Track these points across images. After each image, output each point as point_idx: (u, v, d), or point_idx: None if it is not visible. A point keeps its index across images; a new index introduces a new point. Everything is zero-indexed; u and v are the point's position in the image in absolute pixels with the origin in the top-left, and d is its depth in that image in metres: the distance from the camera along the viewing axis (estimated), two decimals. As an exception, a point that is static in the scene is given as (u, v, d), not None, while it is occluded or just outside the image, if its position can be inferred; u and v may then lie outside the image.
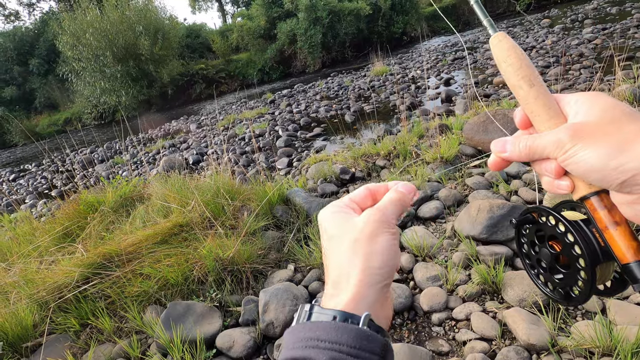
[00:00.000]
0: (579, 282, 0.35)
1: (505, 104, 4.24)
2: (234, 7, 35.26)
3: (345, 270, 0.36)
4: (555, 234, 0.36)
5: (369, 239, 0.36)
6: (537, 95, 0.37)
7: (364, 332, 0.31)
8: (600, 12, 11.35)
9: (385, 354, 0.32)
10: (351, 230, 0.37)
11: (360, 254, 0.36)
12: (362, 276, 0.35)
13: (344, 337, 0.31)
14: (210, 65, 20.98)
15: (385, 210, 0.39)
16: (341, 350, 0.30)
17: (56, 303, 1.92)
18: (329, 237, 0.39)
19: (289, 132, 6.24)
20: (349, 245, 0.37)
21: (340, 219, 0.39)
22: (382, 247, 0.36)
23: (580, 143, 0.31)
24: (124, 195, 3.05)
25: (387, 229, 0.37)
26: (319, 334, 0.32)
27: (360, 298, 0.34)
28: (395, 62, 11.98)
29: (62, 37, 17.02)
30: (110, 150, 9.24)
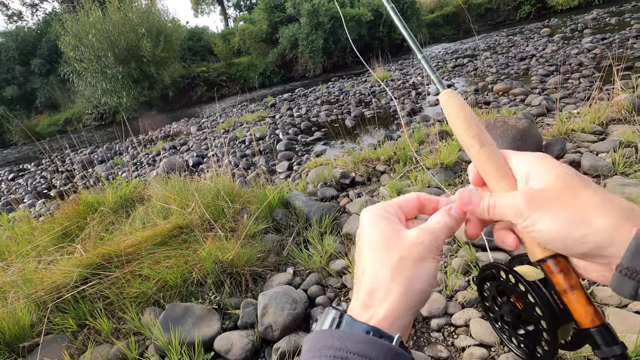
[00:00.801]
0: (542, 342, 0.36)
1: (505, 112, 4.27)
2: (236, 11, 35.48)
3: (384, 285, 0.35)
4: (516, 292, 0.37)
5: (416, 261, 0.35)
6: (489, 156, 0.38)
7: (395, 351, 0.31)
8: (600, 22, 11.46)
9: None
10: (399, 246, 0.36)
11: (405, 275, 0.35)
12: (402, 297, 0.34)
13: (374, 353, 0.30)
14: (211, 68, 21.06)
15: (438, 236, 0.37)
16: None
17: (54, 303, 1.91)
18: (370, 242, 0.37)
19: (290, 136, 6.26)
20: (395, 262, 0.35)
21: (387, 227, 0.38)
22: (427, 273, 0.36)
23: (538, 212, 0.32)
24: (123, 196, 3.06)
25: (434, 255, 0.37)
26: (349, 345, 0.31)
27: (395, 318, 0.34)
28: (395, 68, 12.04)
29: (65, 38, 17.07)
30: (110, 151, 9.24)
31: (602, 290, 1.56)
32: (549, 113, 4.25)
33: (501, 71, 7.72)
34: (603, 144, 2.80)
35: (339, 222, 2.57)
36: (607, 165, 2.44)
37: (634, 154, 2.53)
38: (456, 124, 0.41)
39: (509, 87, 5.87)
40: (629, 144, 2.67)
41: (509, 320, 0.39)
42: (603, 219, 0.29)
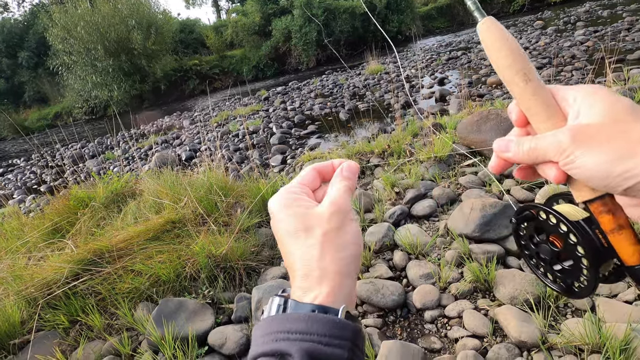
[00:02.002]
0: (582, 278, 0.35)
1: (499, 104, 4.28)
2: (229, 3, 34.95)
3: (317, 264, 0.35)
4: (556, 232, 0.36)
5: (338, 230, 0.36)
6: (534, 93, 0.34)
7: (335, 321, 0.32)
8: (592, 15, 11.50)
9: (356, 339, 0.32)
10: (318, 224, 0.36)
11: (333, 247, 0.36)
12: (337, 268, 0.35)
13: (314, 327, 0.31)
14: (204, 61, 20.79)
15: (343, 202, 0.38)
16: (312, 339, 0.30)
17: (45, 299, 1.89)
18: (289, 230, 0.37)
19: (283, 130, 6.22)
20: (319, 239, 0.36)
21: (299, 209, 0.38)
22: (351, 237, 0.37)
23: (582, 148, 0.30)
24: (115, 191, 3.02)
25: (349, 218, 0.38)
26: (289, 326, 0.32)
27: (338, 290, 0.34)
28: (390, 60, 12.00)
29: (53, 30, 16.71)
30: (101, 145, 9.12)
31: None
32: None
33: (495, 64, 7.72)
34: (595, 136, 2.82)
35: (333, 216, 2.56)
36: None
37: (625, 146, 2.55)
38: (497, 57, 0.37)
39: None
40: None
41: (545, 258, 0.39)
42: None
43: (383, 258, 2.05)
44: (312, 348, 0.30)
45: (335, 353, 0.30)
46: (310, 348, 0.30)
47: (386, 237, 2.11)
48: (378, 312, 1.71)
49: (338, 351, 0.31)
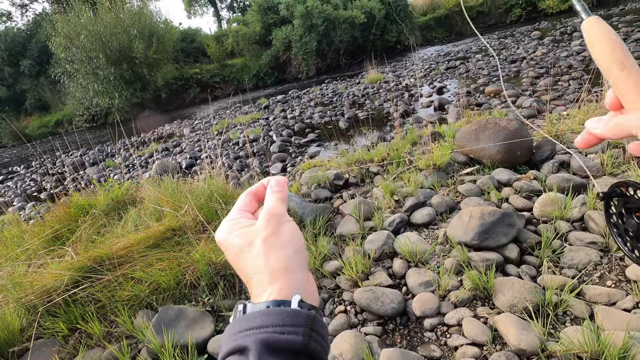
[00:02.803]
0: None
1: (497, 113, 4.32)
2: (230, 13, 35.37)
3: (265, 268, 0.38)
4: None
5: (274, 233, 0.40)
6: (629, 76, 0.37)
7: (287, 311, 0.34)
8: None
9: (312, 324, 0.34)
10: (257, 234, 0.40)
11: (274, 248, 0.39)
12: (284, 265, 0.38)
13: (269, 320, 0.34)
14: (204, 69, 20.96)
15: (275, 209, 0.42)
16: (267, 331, 0.33)
17: (44, 307, 1.89)
18: (236, 252, 0.41)
19: (283, 138, 6.26)
20: (260, 247, 0.39)
21: (240, 230, 0.41)
22: (289, 234, 0.41)
23: None
24: (116, 199, 3.03)
25: (284, 220, 0.42)
26: (247, 324, 0.34)
27: (289, 284, 0.37)
28: (389, 70, 12.12)
29: (55, 39, 16.87)
30: (102, 153, 9.14)
31: (591, 289, 1.59)
32: (540, 114, 4.31)
33: (492, 73, 7.81)
34: (592, 145, 2.84)
35: (332, 223, 2.58)
36: (595, 166, 2.48)
37: (622, 155, 2.58)
38: (598, 49, 0.39)
39: (500, 89, 5.94)
40: (617, 145, 2.72)
41: (632, 234, 0.41)
42: None
43: (383, 266, 2.06)
44: (266, 337, 0.33)
45: (290, 339, 0.33)
46: (264, 338, 0.32)
47: (386, 245, 2.12)
48: (378, 320, 1.71)
49: (292, 337, 0.33)
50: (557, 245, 1.87)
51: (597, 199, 2.00)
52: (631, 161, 2.47)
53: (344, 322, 1.70)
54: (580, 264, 1.75)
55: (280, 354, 0.32)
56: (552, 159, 2.74)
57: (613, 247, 1.80)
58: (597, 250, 1.80)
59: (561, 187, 2.29)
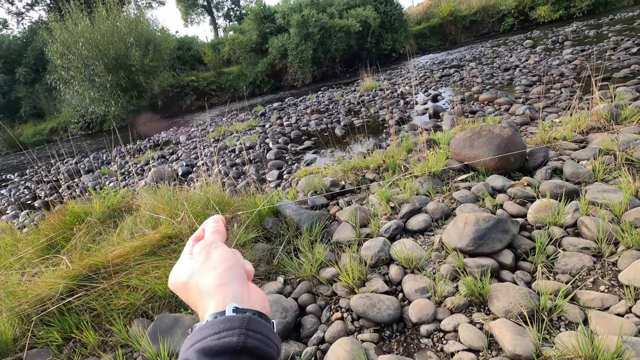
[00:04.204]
0: None
1: (491, 120, 4.38)
2: (226, 21, 35.67)
3: (206, 289, 0.43)
4: None
5: (206, 259, 0.46)
6: None
7: (220, 319, 0.38)
8: (579, 35, 11.88)
9: (248, 325, 0.38)
10: (192, 267, 0.46)
11: (207, 270, 0.45)
12: (217, 282, 0.43)
13: (205, 332, 0.37)
14: (201, 77, 21.02)
15: (206, 240, 0.50)
16: (204, 342, 0.36)
17: (38, 316, 1.87)
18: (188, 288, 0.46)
19: (280, 145, 6.28)
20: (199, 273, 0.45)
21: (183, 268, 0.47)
22: (219, 257, 0.46)
23: None
24: (111, 206, 3.02)
25: (214, 246, 0.48)
26: (190, 341, 0.38)
27: (225, 297, 0.41)
28: (384, 77, 12.24)
29: (52, 46, 16.89)
30: (97, 160, 9.10)
31: (584, 294, 1.61)
32: (533, 122, 4.37)
33: (486, 81, 7.92)
34: (584, 152, 2.89)
35: (329, 230, 2.59)
36: (588, 172, 2.52)
37: (613, 161, 2.62)
38: None
39: (493, 97, 6.02)
40: (608, 151, 2.77)
41: None
42: None
43: (379, 272, 2.07)
44: (202, 346, 0.36)
45: (225, 342, 0.36)
46: (201, 347, 0.36)
47: (382, 251, 2.13)
48: (374, 327, 1.71)
49: (227, 339, 0.36)
50: (551, 251, 1.89)
51: None
52: (622, 167, 2.51)
53: (341, 329, 1.71)
54: (573, 269, 1.77)
55: (219, 357, 0.35)
56: (545, 166, 2.78)
57: (606, 252, 1.82)
58: (590, 256, 1.82)
59: (554, 194, 2.32)
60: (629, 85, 4.86)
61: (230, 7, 35.32)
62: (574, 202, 2.17)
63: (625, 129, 3.14)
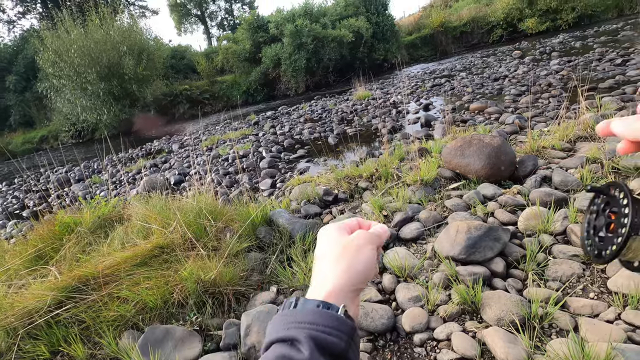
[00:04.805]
0: (613, 246, 0.40)
1: (481, 129, 4.45)
2: (220, 31, 35.88)
3: (331, 269, 0.44)
4: (618, 206, 0.41)
5: (356, 249, 0.46)
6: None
7: (337, 317, 0.39)
8: (566, 46, 12.19)
9: (352, 335, 0.39)
10: (342, 242, 0.47)
11: (347, 258, 0.45)
12: (344, 275, 0.43)
13: (320, 319, 0.38)
14: (194, 86, 21.03)
15: (372, 235, 0.49)
16: (317, 329, 0.37)
17: (25, 329, 1.83)
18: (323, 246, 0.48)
19: (273, 154, 6.28)
20: (339, 251, 0.46)
21: (336, 234, 0.49)
22: (365, 257, 0.46)
23: None
24: (102, 216, 2.98)
25: (370, 247, 0.47)
26: (300, 317, 0.39)
27: (339, 292, 0.42)
28: (376, 87, 12.37)
29: (44, 54, 16.78)
30: (88, 169, 9.00)
31: (575, 301, 1.62)
32: (522, 131, 4.45)
33: (476, 91, 8.06)
34: (572, 160, 2.95)
35: (322, 239, 2.58)
36: (576, 181, 2.57)
37: (600, 170, 2.67)
38: None
39: (484, 106, 6.12)
40: (595, 160, 2.83)
41: (596, 227, 0.44)
42: None
43: (372, 281, 2.07)
44: (315, 335, 0.37)
45: (335, 342, 0.37)
46: (314, 334, 0.37)
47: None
48: (368, 337, 1.71)
49: (337, 340, 0.37)
50: (542, 259, 1.91)
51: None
52: (609, 175, 2.57)
53: (334, 339, 1.69)
54: (564, 277, 1.79)
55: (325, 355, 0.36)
56: (535, 174, 2.83)
57: (594, 259, 1.85)
58: (580, 263, 1.85)
59: (544, 201, 2.35)
60: (614, 95, 4.99)
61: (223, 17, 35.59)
62: (562, 210, 2.20)
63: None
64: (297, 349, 0.36)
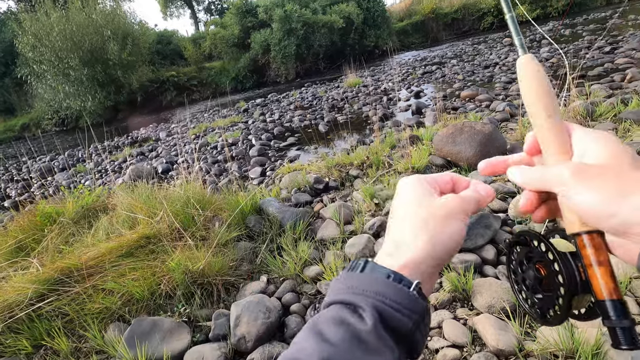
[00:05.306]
0: (556, 307, 0.37)
1: (472, 117, 4.44)
2: (207, 15, 34.94)
3: (411, 236, 0.38)
4: (544, 259, 0.38)
5: (444, 218, 0.39)
6: (552, 127, 0.38)
7: (409, 293, 0.34)
8: (556, 34, 12.22)
9: (424, 316, 0.35)
10: (429, 205, 0.40)
11: (431, 228, 0.38)
12: (425, 247, 0.37)
13: (389, 292, 0.34)
14: (181, 72, 20.54)
15: (466, 201, 0.41)
16: (384, 302, 0.33)
17: (5, 323, 1.77)
18: (405, 202, 0.41)
19: (263, 142, 6.19)
20: (424, 217, 0.39)
21: (423, 191, 0.41)
22: (452, 230, 0.39)
23: (580, 184, 0.33)
24: (85, 206, 2.89)
25: (461, 217, 0.40)
26: (366, 285, 0.35)
27: (416, 266, 0.37)
28: (367, 74, 12.26)
29: (22, 38, 16.12)
30: (72, 158, 8.76)
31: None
32: (512, 118, 4.45)
33: (467, 78, 8.04)
34: (561, 148, 2.96)
35: (313, 228, 2.55)
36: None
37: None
38: (527, 90, 0.40)
39: (474, 94, 6.11)
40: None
41: (528, 284, 0.41)
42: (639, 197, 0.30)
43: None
44: (382, 308, 0.33)
45: (403, 321, 0.33)
46: (380, 307, 0.33)
47: (366, 248, 2.11)
48: (359, 325, 1.69)
49: (405, 320, 0.33)
50: (532, 246, 1.92)
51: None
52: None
53: (325, 329, 1.68)
54: (553, 263, 1.80)
55: (390, 330, 0.33)
56: (525, 161, 2.83)
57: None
58: (569, 250, 1.86)
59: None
60: (603, 83, 5.02)
61: (211, 1, 34.61)
62: (553, 197, 2.20)
63: (600, 125, 3.23)
64: (359, 315, 0.33)
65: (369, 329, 0.32)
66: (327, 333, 0.32)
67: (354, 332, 0.32)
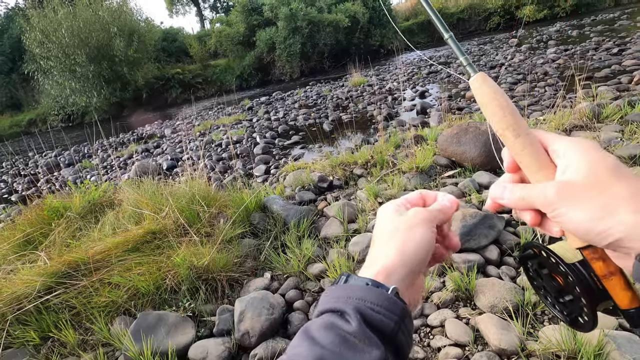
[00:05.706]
0: (584, 314, 0.37)
1: (478, 117, 4.42)
2: (213, 13, 34.99)
3: (383, 249, 0.43)
4: (557, 271, 0.38)
5: (408, 229, 0.43)
6: (524, 147, 0.37)
7: (387, 295, 0.38)
8: (563, 35, 12.13)
9: (404, 317, 0.38)
10: (396, 220, 0.45)
11: (399, 237, 0.42)
12: (395, 255, 0.41)
13: (369, 296, 0.38)
14: (187, 69, 20.60)
15: (429, 212, 0.45)
16: (365, 305, 0.37)
17: (14, 315, 1.80)
18: (380, 225, 0.46)
19: (267, 140, 6.21)
20: (391, 230, 0.44)
21: (392, 212, 0.46)
22: (418, 237, 0.42)
23: (566, 204, 0.33)
24: (92, 201, 2.92)
25: (426, 226, 0.43)
26: (349, 292, 0.39)
27: (390, 272, 0.40)
28: (372, 73, 12.24)
29: (30, 34, 16.24)
30: (78, 153, 8.83)
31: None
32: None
33: (473, 78, 7.98)
34: (567, 149, 2.95)
35: (317, 226, 2.57)
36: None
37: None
38: (489, 112, 0.40)
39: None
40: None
41: (552, 293, 0.41)
42: (628, 214, 0.30)
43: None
44: (363, 309, 0.36)
45: (384, 321, 0.36)
46: (362, 309, 0.36)
47: (369, 247, 2.12)
48: (362, 323, 1.71)
49: (386, 320, 0.36)
50: (535, 247, 1.92)
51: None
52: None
53: (328, 325, 1.69)
54: (557, 265, 1.80)
55: (377, 332, 0.36)
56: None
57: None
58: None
59: (539, 190, 2.35)
60: (610, 84, 4.98)
61: (217, -1, 34.65)
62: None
63: (607, 127, 3.22)
64: (345, 319, 0.36)
65: (354, 329, 0.35)
66: (318, 337, 0.35)
67: (342, 334, 0.35)
